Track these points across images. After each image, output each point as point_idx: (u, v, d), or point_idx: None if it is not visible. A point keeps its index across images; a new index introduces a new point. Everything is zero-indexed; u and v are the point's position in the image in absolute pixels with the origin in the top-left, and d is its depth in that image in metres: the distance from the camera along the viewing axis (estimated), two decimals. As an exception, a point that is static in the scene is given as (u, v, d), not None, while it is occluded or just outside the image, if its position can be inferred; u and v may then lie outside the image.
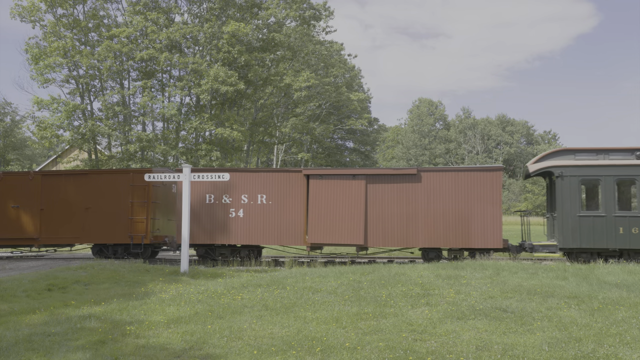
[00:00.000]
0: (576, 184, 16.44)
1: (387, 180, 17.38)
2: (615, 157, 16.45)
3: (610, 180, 16.25)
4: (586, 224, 16.20)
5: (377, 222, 17.20)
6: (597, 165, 16.40)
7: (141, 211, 18.36)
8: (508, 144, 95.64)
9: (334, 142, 74.08)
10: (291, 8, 37.68)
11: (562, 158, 16.82)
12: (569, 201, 16.35)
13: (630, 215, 16.11)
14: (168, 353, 6.82)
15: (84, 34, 34.11)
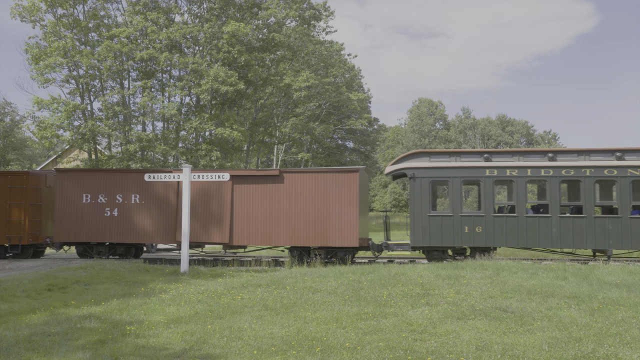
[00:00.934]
0: (427, 185, 17.03)
1: (252, 181, 18.17)
2: (464, 160, 17.04)
3: (457, 182, 16.86)
4: (435, 223, 16.84)
5: (243, 221, 17.93)
6: (446, 167, 16.99)
7: (19, 212, 18.91)
8: (508, 144, 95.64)
9: (334, 142, 74.11)
10: (291, 8, 37.67)
11: (417, 160, 17.38)
12: (420, 201, 16.95)
13: (475, 215, 16.84)
14: (168, 353, 6.82)
15: (84, 34, 34.11)
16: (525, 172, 16.45)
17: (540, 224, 16.38)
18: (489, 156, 16.95)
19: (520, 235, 16.40)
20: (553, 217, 16.33)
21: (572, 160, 16.55)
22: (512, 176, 16.66)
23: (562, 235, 16.26)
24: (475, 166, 16.82)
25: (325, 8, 40.73)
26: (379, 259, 19.13)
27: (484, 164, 16.81)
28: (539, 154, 16.99)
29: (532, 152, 17.33)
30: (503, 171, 16.70)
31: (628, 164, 16.18)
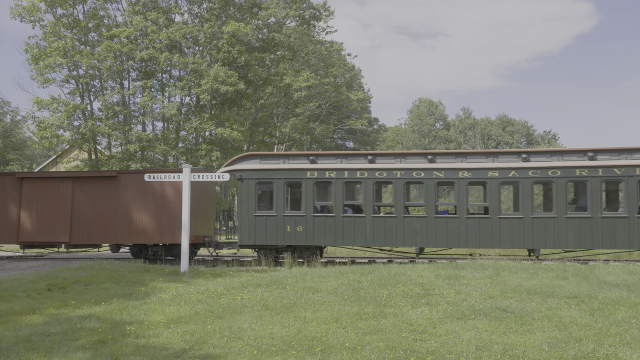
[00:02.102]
0: (253, 186, 17.79)
1: (91, 182, 18.87)
2: (291, 162, 17.85)
3: (281, 183, 17.61)
4: (261, 222, 17.58)
5: (83, 221, 18.54)
6: (272, 169, 17.71)
7: None
8: (508, 144, 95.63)
9: (334, 142, 74.07)
10: (291, 8, 37.66)
11: (247, 162, 18.12)
12: (247, 202, 17.72)
13: (297, 215, 17.48)
14: (168, 353, 6.82)
15: (84, 34, 34.11)
16: (342, 174, 17.31)
17: (355, 223, 17.18)
18: (314, 158, 17.70)
19: (337, 234, 17.24)
20: (367, 217, 17.16)
21: (388, 163, 17.41)
22: (330, 178, 17.48)
23: (375, 234, 17.14)
24: (298, 168, 17.55)
25: (325, 8, 40.72)
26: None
27: (306, 166, 17.53)
28: (360, 156, 17.88)
29: (353, 154, 18.17)
30: (322, 173, 17.48)
31: (435, 166, 17.12)
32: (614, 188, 17.62)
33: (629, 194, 16.17)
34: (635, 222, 16.06)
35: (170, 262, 18.34)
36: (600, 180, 16.37)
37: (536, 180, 16.73)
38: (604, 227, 16.22)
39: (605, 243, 16.26)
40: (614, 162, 16.40)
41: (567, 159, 16.71)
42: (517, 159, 17.01)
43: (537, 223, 16.52)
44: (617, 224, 16.17)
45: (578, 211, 16.83)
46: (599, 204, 16.32)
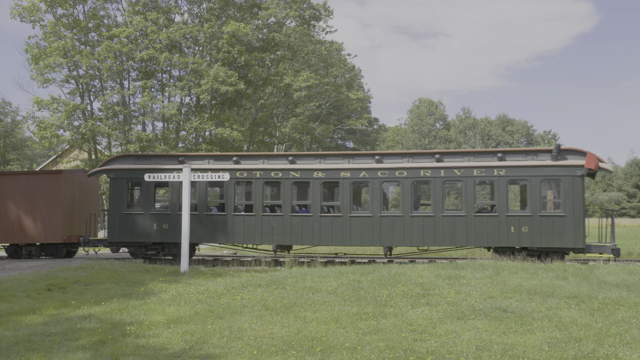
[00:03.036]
0: (124, 185, 18.33)
1: None
2: (162, 162, 18.44)
3: (150, 183, 18.00)
4: (129, 220, 18.12)
5: None
6: (142, 169, 18.05)
7: None
8: (508, 144, 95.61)
9: (334, 142, 74.04)
10: (291, 8, 37.66)
11: (120, 162, 18.66)
12: (117, 200, 18.22)
13: (163, 213, 18.13)
14: (168, 353, 6.82)
15: (84, 34, 34.10)
16: (206, 174, 17.86)
17: (218, 221, 17.91)
18: (183, 159, 18.22)
19: (201, 232, 17.91)
20: (228, 216, 17.85)
21: (250, 164, 18.07)
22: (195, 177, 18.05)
23: (235, 231, 17.74)
24: (167, 168, 17.98)
25: (325, 8, 40.72)
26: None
27: (174, 167, 17.97)
28: (227, 158, 18.38)
29: (221, 156, 18.61)
30: None
31: (293, 167, 17.71)
32: (454, 188, 18.11)
33: (467, 194, 16.68)
34: (472, 220, 16.61)
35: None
36: (442, 181, 16.94)
37: (384, 180, 17.30)
38: (445, 225, 16.77)
39: (446, 240, 16.80)
40: (455, 163, 16.90)
41: (417, 160, 17.30)
42: (371, 160, 17.57)
43: (385, 222, 17.09)
44: (456, 223, 16.69)
45: (422, 210, 17.65)
46: (440, 203, 16.89)
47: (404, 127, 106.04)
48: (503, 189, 16.53)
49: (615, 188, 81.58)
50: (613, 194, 78.75)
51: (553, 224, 16.07)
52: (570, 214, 15.97)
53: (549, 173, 16.25)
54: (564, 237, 15.96)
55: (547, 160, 16.38)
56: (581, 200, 16.04)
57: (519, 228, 16.24)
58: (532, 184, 16.26)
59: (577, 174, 16.03)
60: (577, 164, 16.08)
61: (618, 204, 77.21)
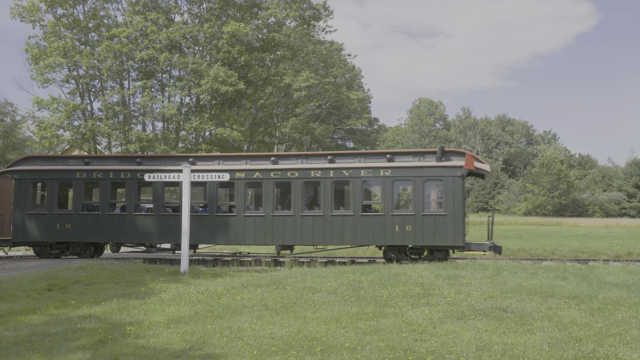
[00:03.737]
0: (28, 186, 18.74)
1: None
2: (65, 164, 18.95)
3: (54, 183, 18.63)
4: (33, 220, 18.61)
5: None
6: (47, 170, 18.73)
7: None
8: (508, 144, 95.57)
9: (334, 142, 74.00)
10: (291, 8, 37.65)
11: (26, 163, 19.07)
12: (21, 200, 18.65)
13: (65, 213, 18.64)
14: (168, 353, 6.82)
15: (84, 34, 34.09)
16: (108, 174, 18.54)
17: (117, 221, 18.41)
18: (88, 161, 18.88)
19: (102, 231, 18.39)
20: (128, 215, 18.37)
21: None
22: (98, 178, 18.67)
23: (129, 231, 18.38)
24: (70, 169, 18.64)
25: (325, 8, 40.72)
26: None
27: (77, 168, 18.64)
28: (131, 159, 18.97)
29: (124, 157, 19.35)
30: (90, 174, 18.63)
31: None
32: (343, 188, 18.61)
33: (355, 194, 17.07)
34: (359, 220, 17.04)
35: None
36: (331, 182, 17.35)
37: (277, 181, 17.80)
38: (335, 224, 17.18)
39: (334, 239, 17.22)
40: (344, 164, 17.28)
41: (310, 161, 17.80)
42: (267, 162, 18.07)
43: (277, 221, 17.56)
44: (345, 222, 17.09)
45: (313, 210, 17.86)
46: (330, 203, 17.28)
47: (404, 127, 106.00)
48: (389, 189, 16.93)
49: (615, 188, 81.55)
50: (613, 194, 78.73)
51: (435, 223, 16.49)
52: (451, 213, 16.42)
53: (432, 174, 16.68)
54: (445, 236, 16.38)
55: (432, 161, 16.84)
56: (461, 199, 16.50)
57: (403, 227, 16.68)
58: (416, 184, 16.72)
59: (457, 175, 16.45)
60: (457, 165, 16.50)
61: (618, 204, 77.20)
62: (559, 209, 74.43)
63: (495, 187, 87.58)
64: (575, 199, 76.23)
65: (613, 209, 75.76)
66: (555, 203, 74.19)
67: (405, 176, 16.88)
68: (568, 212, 74.33)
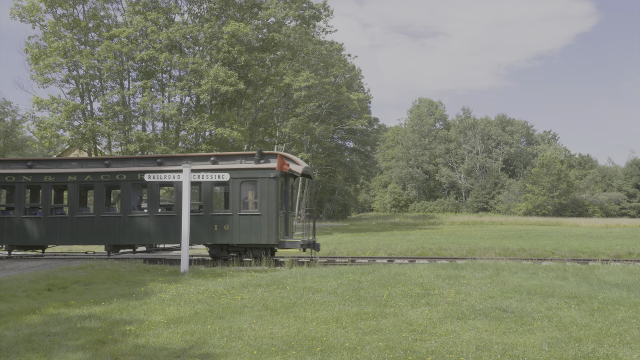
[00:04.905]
0: None
1: None
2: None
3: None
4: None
5: None
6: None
7: None
8: (508, 144, 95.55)
9: (334, 142, 74.00)
10: (291, 8, 37.64)
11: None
12: None
13: None
14: (168, 353, 6.82)
15: (84, 34, 34.10)
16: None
17: None
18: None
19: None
20: None
21: None
22: None
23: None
24: None
25: (325, 8, 40.70)
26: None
27: None
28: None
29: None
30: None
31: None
32: (169, 190, 19.02)
33: (178, 196, 17.59)
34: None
35: (170, 262, 18.41)
36: (157, 184, 18.02)
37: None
38: (159, 223, 18.04)
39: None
40: (169, 167, 18.03)
41: (141, 164, 18.67)
42: (100, 165, 18.82)
43: (105, 221, 18.41)
44: (167, 222, 17.92)
45: (142, 211, 18.72)
46: (155, 203, 18.19)
47: (404, 127, 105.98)
48: (209, 190, 17.85)
49: (615, 188, 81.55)
50: (613, 194, 78.73)
51: (250, 222, 17.29)
52: (265, 213, 17.18)
53: (248, 175, 17.48)
54: (260, 234, 17.17)
55: (250, 164, 17.67)
56: (275, 199, 17.18)
57: (222, 226, 17.45)
58: (234, 185, 17.42)
59: (271, 176, 17.22)
60: (271, 167, 17.24)
61: (618, 204, 77.20)
62: (559, 209, 74.45)
63: (495, 187, 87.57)
64: (575, 199, 76.25)
65: (613, 209, 75.79)
66: (555, 203, 74.19)
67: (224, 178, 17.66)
68: (568, 212, 74.36)
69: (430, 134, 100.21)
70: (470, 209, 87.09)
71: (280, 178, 17.41)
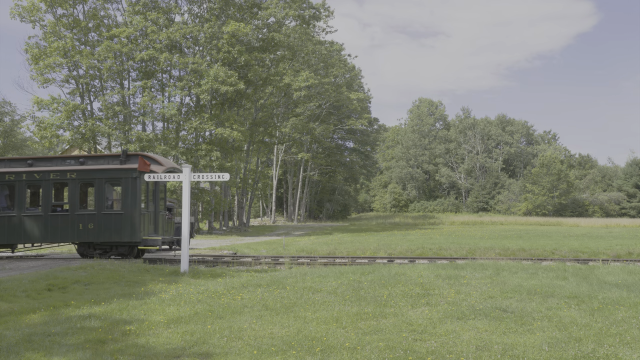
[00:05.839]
0: None
1: None
2: None
3: None
4: None
5: None
6: None
7: None
8: (508, 144, 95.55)
9: (334, 142, 74.01)
10: (291, 8, 37.64)
11: None
12: None
13: None
14: (168, 353, 6.82)
15: (84, 34, 34.10)
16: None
17: None
18: None
19: None
20: None
21: None
22: None
23: None
24: None
25: (325, 8, 40.70)
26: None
27: None
28: None
29: None
30: None
31: None
32: (37, 190, 19.57)
33: (45, 195, 18.16)
34: (49, 219, 18.15)
35: (171, 262, 18.42)
36: (25, 184, 18.43)
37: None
38: (28, 223, 18.20)
39: (24, 238, 18.38)
40: (38, 168, 18.30)
41: (10, 165, 18.73)
42: None
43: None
44: (36, 221, 18.14)
45: (11, 210, 18.76)
46: (24, 203, 18.40)
47: (404, 127, 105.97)
48: (75, 190, 18.07)
49: (615, 188, 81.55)
50: (613, 194, 78.74)
51: (113, 221, 17.77)
52: (127, 212, 17.66)
53: (112, 175, 18.00)
54: (122, 232, 17.65)
55: (116, 164, 18.08)
56: (137, 199, 17.67)
57: (86, 225, 17.86)
58: (99, 185, 17.98)
59: (133, 176, 17.69)
60: (133, 167, 17.66)
61: (618, 204, 77.21)
62: (559, 209, 74.45)
63: (495, 187, 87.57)
64: (575, 199, 76.25)
65: (613, 209, 75.79)
66: (555, 203, 74.19)
67: (90, 178, 18.19)
68: (568, 212, 74.37)
69: (430, 134, 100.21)
70: (470, 209, 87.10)
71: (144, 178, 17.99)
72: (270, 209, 69.57)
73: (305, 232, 41.94)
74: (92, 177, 18.07)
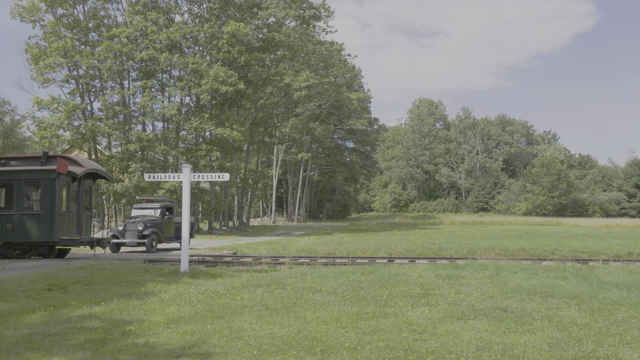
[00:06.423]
0: None
1: None
2: None
3: None
4: None
5: None
6: None
7: None
8: (508, 144, 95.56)
9: (334, 142, 74.00)
10: (291, 8, 37.65)
11: None
12: None
13: None
14: (168, 353, 6.82)
15: (84, 34, 34.12)
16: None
17: None
18: None
19: None
20: None
21: None
22: None
23: None
24: None
25: (325, 8, 40.71)
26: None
27: None
28: None
29: None
30: None
31: None
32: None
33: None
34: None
35: (171, 262, 18.42)
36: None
37: None
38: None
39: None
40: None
41: None
42: None
43: None
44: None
45: None
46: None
47: (404, 127, 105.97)
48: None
49: (615, 188, 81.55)
50: (613, 194, 78.74)
51: (32, 221, 17.94)
52: (45, 212, 17.84)
53: (32, 176, 18.08)
54: (41, 232, 17.86)
55: (36, 166, 18.19)
56: (55, 199, 17.80)
57: (5, 225, 17.99)
58: (18, 186, 18.05)
59: (52, 177, 17.81)
60: (52, 169, 17.80)
61: (618, 204, 77.21)
62: (559, 209, 74.45)
63: (495, 187, 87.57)
64: (575, 199, 76.26)
65: (613, 209, 75.79)
66: (555, 203, 74.20)
67: (9, 179, 18.23)
68: (568, 212, 74.37)
69: (430, 134, 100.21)
70: (470, 209, 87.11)
71: (65, 179, 18.22)
72: (270, 209, 69.59)
73: (305, 232, 41.95)
74: (12, 178, 18.15)
